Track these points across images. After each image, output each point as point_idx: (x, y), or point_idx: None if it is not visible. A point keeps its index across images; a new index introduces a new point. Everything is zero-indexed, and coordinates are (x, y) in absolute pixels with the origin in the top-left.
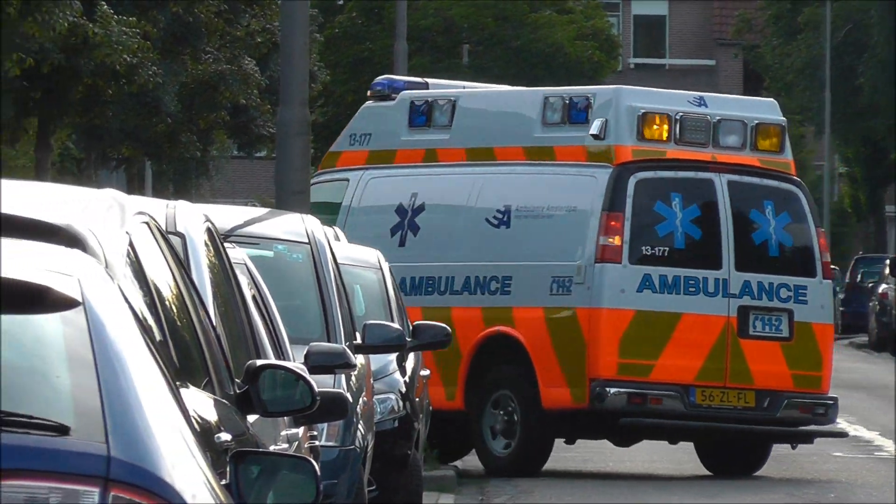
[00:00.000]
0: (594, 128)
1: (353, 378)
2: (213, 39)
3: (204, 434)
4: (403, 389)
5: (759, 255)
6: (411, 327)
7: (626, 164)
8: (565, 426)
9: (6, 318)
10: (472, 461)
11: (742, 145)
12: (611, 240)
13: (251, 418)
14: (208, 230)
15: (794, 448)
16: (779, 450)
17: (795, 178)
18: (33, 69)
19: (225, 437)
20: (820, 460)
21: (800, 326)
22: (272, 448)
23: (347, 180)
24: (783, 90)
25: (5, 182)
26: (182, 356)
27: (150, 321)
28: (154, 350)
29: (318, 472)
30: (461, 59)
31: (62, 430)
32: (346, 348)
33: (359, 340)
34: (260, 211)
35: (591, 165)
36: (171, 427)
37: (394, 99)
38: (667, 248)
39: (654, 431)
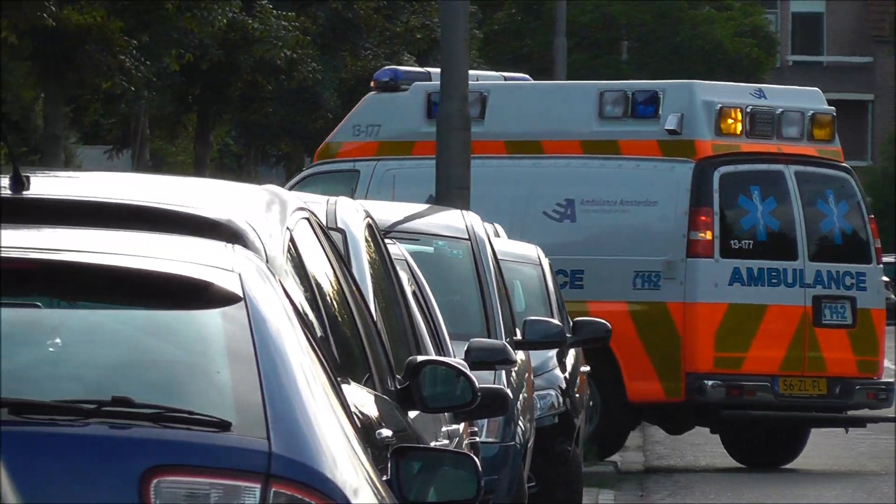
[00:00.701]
0: (671, 122)
1: (514, 374)
2: (373, 35)
3: (365, 430)
4: (563, 385)
5: (827, 244)
6: (571, 323)
7: (708, 158)
8: (645, 418)
9: (169, 313)
10: (631, 457)
11: (801, 136)
12: (701, 234)
13: (412, 414)
14: (369, 226)
15: (846, 432)
16: None
17: (846, 165)
18: (192, 65)
19: (386, 433)
20: None
21: (861, 313)
22: (433, 444)
23: (358, 171)
24: None
25: (166, 178)
26: (343, 352)
27: (311, 317)
28: (315, 346)
29: (479, 468)
30: (620, 56)
31: (223, 425)
32: (506, 344)
33: (519, 336)
34: (420, 206)
35: (669, 160)
36: (333, 423)
37: (403, 90)
38: (751, 241)
39: (747, 422)
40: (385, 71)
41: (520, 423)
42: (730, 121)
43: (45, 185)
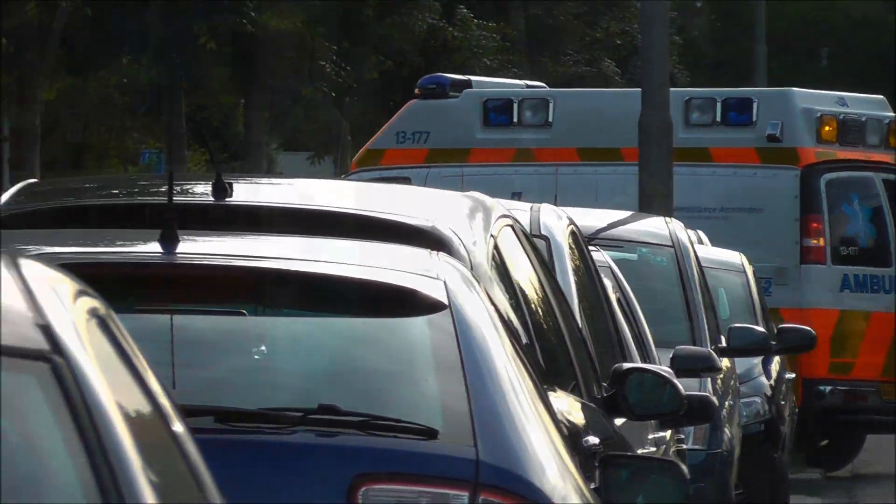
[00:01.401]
0: (771, 129)
1: (719, 381)
2: (573, 41)
3: (572, 437)
4: (769, 392)
5: None
6: (776, 330)
7: (814, 165)
8: None
9: (374, 321)
10: None
11: (880, 143)
12: (814, 241)
13: (618, 421)
14: (572, 233)
15: None
16: None
17: None
18: (392, 71)
19: (593, 440)
20: None
21: None
22: (639, 451)
23: (408, 178)
24: None
25: (370, 185)
26: (548, 359)
27: (516, 324)
28: (521, 353)
29: (687, 476)
30: (820, 63)
31: (431, 433)
32: (711, 352)
33: (723, 344)
34: (623, 214)
35: (771, 167)
36: (540, 431)
37: (452, 97)
38: (856, 248)
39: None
40: (430, 77)
41: (726, 430)
42: (827, 128)
43: (248, 191)
